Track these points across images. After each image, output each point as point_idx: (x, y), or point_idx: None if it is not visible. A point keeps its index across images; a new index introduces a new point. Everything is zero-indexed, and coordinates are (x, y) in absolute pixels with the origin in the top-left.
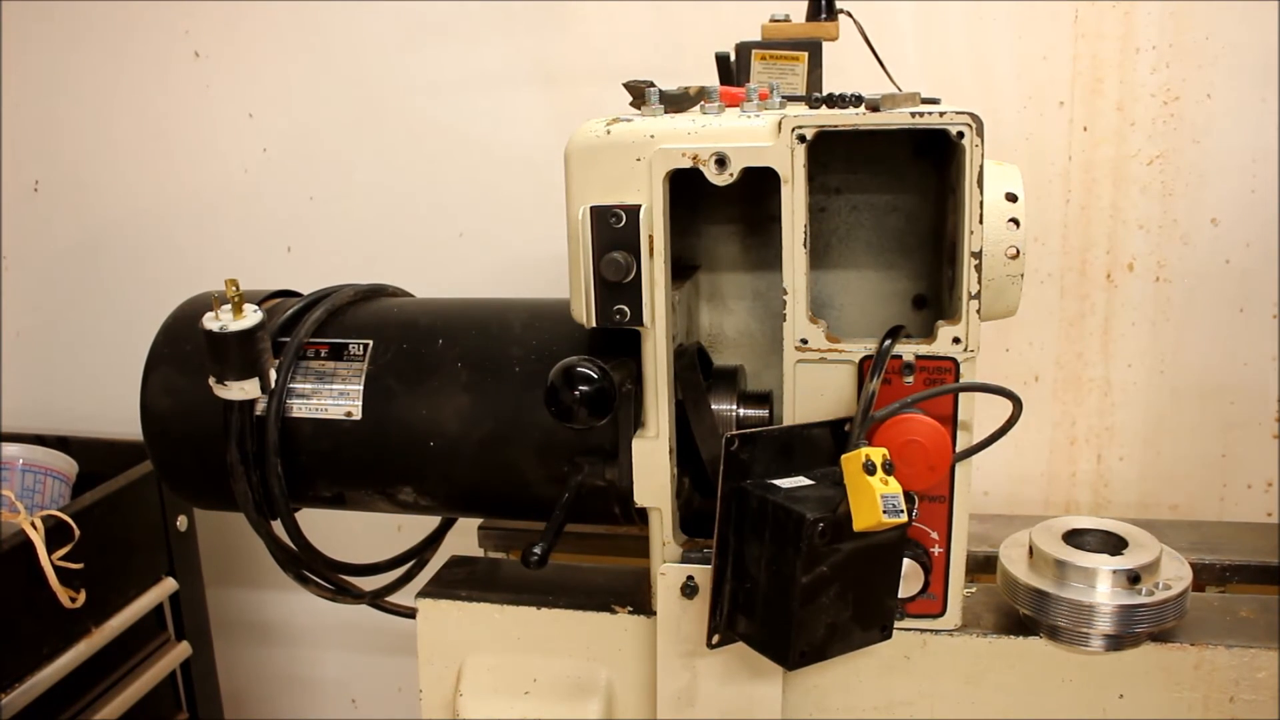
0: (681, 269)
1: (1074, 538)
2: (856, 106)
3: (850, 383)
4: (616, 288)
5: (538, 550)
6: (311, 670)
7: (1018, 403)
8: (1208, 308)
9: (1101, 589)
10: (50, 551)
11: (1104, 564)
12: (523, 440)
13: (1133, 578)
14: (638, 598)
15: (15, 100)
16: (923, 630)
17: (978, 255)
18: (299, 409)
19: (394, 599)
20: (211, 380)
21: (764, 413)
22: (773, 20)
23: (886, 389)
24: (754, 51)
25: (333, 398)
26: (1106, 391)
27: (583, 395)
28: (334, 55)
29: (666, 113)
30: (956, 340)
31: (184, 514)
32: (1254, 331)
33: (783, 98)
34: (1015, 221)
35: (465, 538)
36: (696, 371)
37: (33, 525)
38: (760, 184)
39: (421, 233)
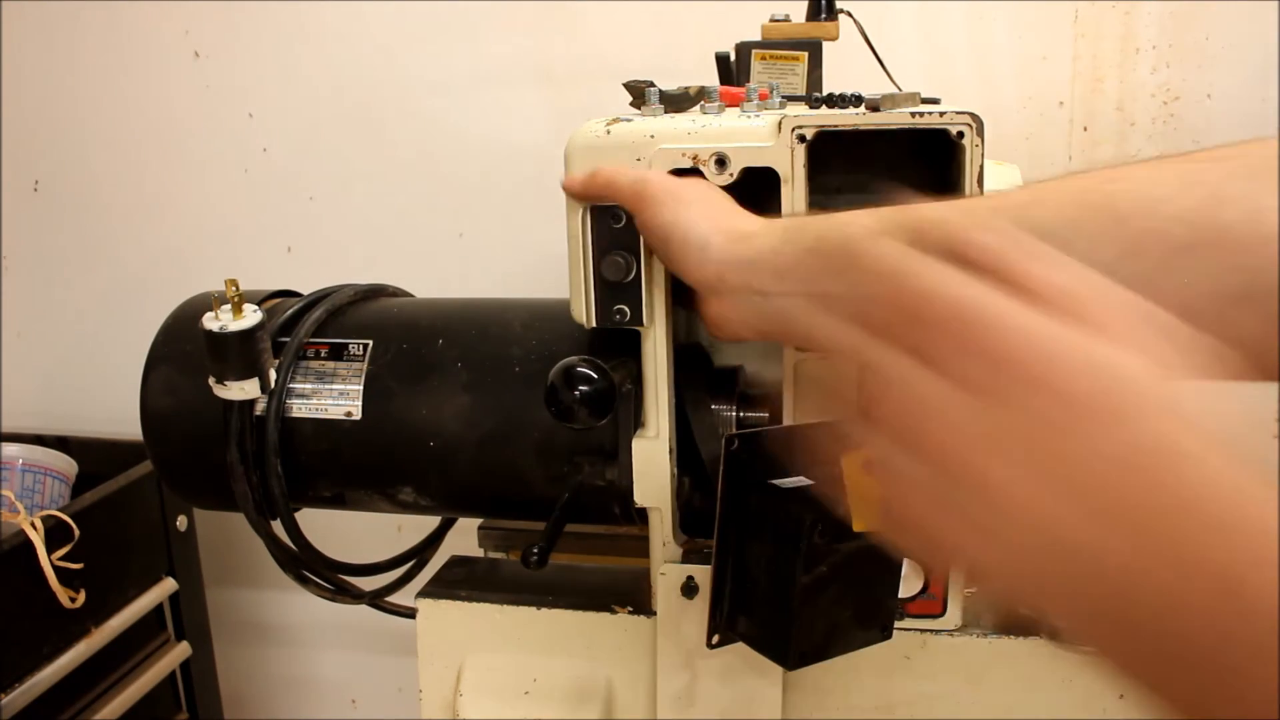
0: None
1: None
2: (856, 106)
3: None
4: (616, 288)
5: (537, 550)
6: (311, 670)
7: None
8: None
9: None
10: (50, 551)
11: None
12: (523, 440)
13: None
14: (638, 598)
15: (15, 100)
16: (923, 630)
17: None
18: (299, 409)
19: (394, 599)
20: (211, 380)
21: (764, 413)
22: (773, 20)
23: None
24: (754, 51)
25: (333, 398)
26: None
27: (583, 395)
28: (334, 55)
29: (666, 113)
30: None
31: (184, 514)
32: None
33: (783, 98)
34: None
35: (465, 538)
36: (697, 371)
37: (33, 525)
38: (760, 184)
39: (421, 233)
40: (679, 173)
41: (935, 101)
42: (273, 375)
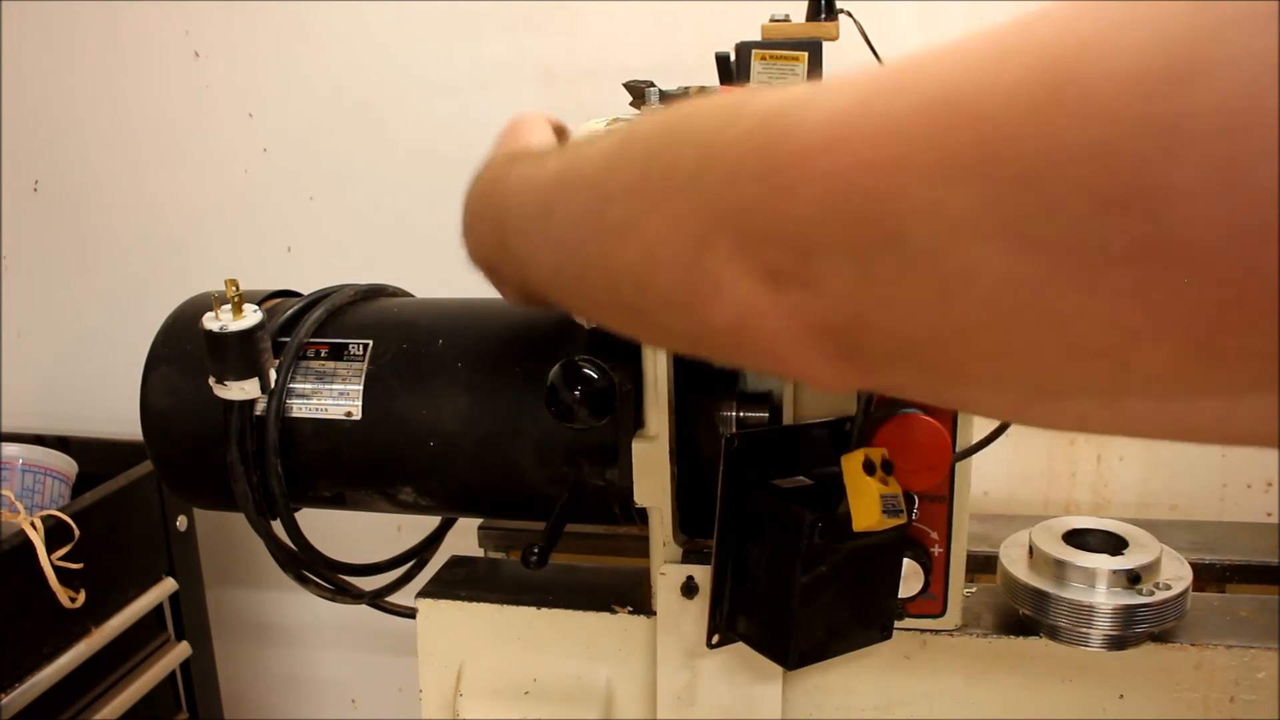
0: None
1: (1074, 538)
2: None
3: None
4: None
5: (537, 550)
6: (311, 670)
7: None
8: None
9: (1101, 589)
10: (50, 551)
11: (1104, 564)
12: (523, 440)
13: (1133, 578)
14: (638, 598)
15: (15, 100)
16: (923, 630)
17: None
18: (299, 409)
19: (394, 599)
20: (211, 380)
21: (764, 413)
22: (773, 20)
23: None
24: (754, 51)
25: (333, 398)
26: None
27: (583, 395)
28: (334, 55)
29: None
30: None
31: (184, 514)
32: None
33: None
34: None
35: (465, 538)
36: (696, 371)
37: (33, 525)
38: None
39: (421, 233)
40: None
41: None
42: (273, 375)
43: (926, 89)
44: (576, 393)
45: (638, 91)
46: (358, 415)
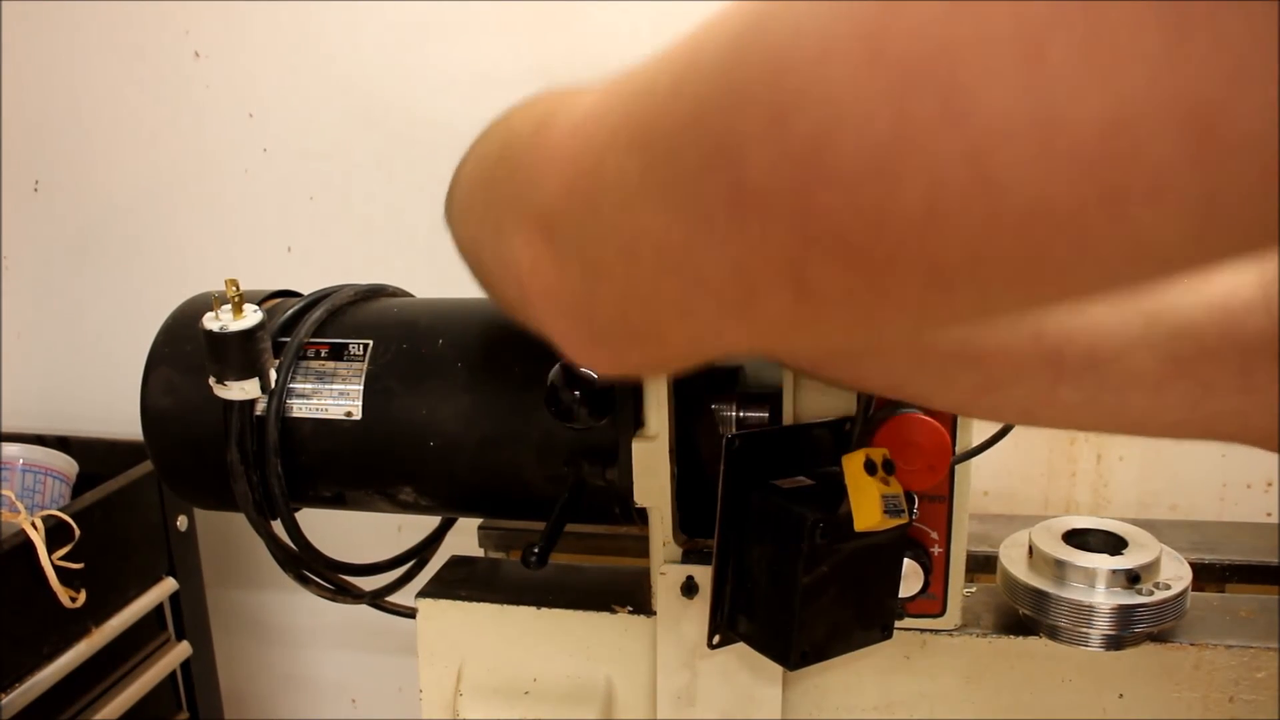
0: None
1: (1074, 538)
2: None
3: None
4: None
5: (537, 550)
6: (311, 670)
7: None
8: None
9: (1101, 589)
10: (50, 551)
11: (1104, 564)
12: (523, 440)
13: (1133, 578)
14: (638, 598)
15: (15, 100)
16: (923, 630)
17: None
18: (299, 409)
19: (394, 599)
20: (211, 380)
21: (764, 413)
22: None
23: None
24: None
25: (333, 398)
26: None
27: (583, 395)
28: (334, 55)
29: None
30: None
31: (184, 514)
32: None
33: None
34: None
35: (465, 538)
36: (696, 370)
37: (33, 525)
38: None
39: (421, 233)
40: None
41: None
42: (273, 375)
43: (643, 76)
44: (576, 393)
45: None
46: (358, 415)
